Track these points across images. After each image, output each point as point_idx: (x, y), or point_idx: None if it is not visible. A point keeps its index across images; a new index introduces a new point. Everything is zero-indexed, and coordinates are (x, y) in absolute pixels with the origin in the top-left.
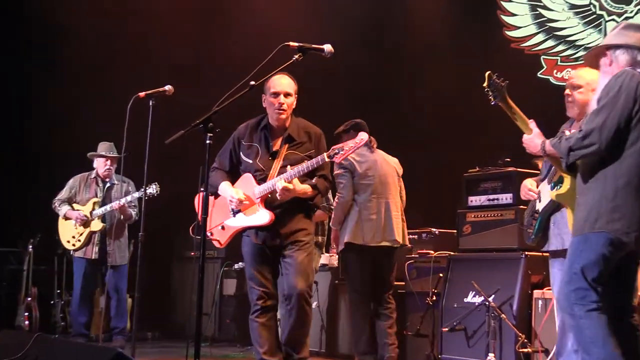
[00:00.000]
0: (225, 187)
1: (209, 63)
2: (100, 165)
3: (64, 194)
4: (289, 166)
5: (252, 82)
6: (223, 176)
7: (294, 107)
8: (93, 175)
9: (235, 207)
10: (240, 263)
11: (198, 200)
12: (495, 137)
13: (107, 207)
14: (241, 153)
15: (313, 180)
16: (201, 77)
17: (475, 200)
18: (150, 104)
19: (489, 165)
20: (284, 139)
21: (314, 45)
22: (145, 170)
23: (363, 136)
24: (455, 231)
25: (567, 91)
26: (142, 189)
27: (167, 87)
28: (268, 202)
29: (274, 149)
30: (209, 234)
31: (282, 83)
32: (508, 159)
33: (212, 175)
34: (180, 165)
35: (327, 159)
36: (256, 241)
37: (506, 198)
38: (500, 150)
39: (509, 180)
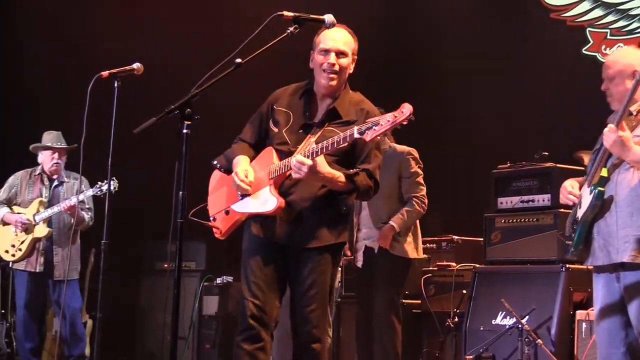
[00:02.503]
0: (237, 162)
1: (189, 37)
2: (46, 160)
3: (2, 194)
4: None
5: (239, 60)
6: (243, 149)
7: (350, 71)
8: (38, 172)
9: (237, 190)
10: (223, 277)
11: (213, 177)
12: (530, 127)
13: (55, 209)
14: (270, 121)
15: (352, 171)
16: (178, 53)
17: (506, 202)
18: (115, 85)
19: (522, 160)
20: (327, 112)
21: (312, 16)
22: (109, 166)
23: (407, 107)
24: (481, 239)
25: (603, 86)
26: (97, 186)
27: (136, 65)
28: (284, 187)
29: (312, 121)
30: (211, 218)
31: (335, 37)
32: (545, 153)
33: (231, 148)
34: (151, 160)
35: (357, 136)
36: (258, 233)
37: (543, 199)
38: (536, 143)
39: (546, 178)
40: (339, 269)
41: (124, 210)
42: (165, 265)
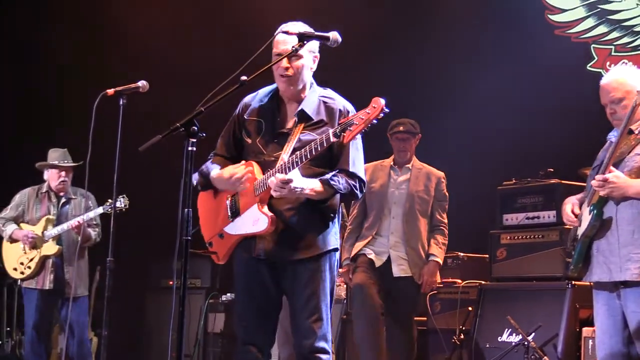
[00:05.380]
0: (220, 172)
1: (193, 55)
2: (53, 177)
3: (9, 211)
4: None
5: (244, 77)
6: (220, 163)
7: (311, 68)
8: (44, 190)
9: (237, 188)
10: (228, 294)
11: (200, 199)
12: (536, 144)
13: (64, 226)
14: (243, 132)
15: (328, 175)
16: (182, 71)
17: (511, 218)
18: (121, 102)
19: (527, 176)
20: (297, 115)
21: (316, 33)
22: (114, 183)
23: (378, 102)
24: (487, 256)
25: (609, 109)
26: (107, 204)
27: (141, 83)
28: (271, 202)
29: (285, 127)
30: (207, 244)
31: (287, 40)
32: (550, 170)
33: (206, 164)
34: (156, 178)
35: (333, 139)
36: (247, 252)
37: (549, 216)
38: (541, 159)
39: (551, 194)
40: (344, 285)
41: (130, 227)
42: (170, 283)
